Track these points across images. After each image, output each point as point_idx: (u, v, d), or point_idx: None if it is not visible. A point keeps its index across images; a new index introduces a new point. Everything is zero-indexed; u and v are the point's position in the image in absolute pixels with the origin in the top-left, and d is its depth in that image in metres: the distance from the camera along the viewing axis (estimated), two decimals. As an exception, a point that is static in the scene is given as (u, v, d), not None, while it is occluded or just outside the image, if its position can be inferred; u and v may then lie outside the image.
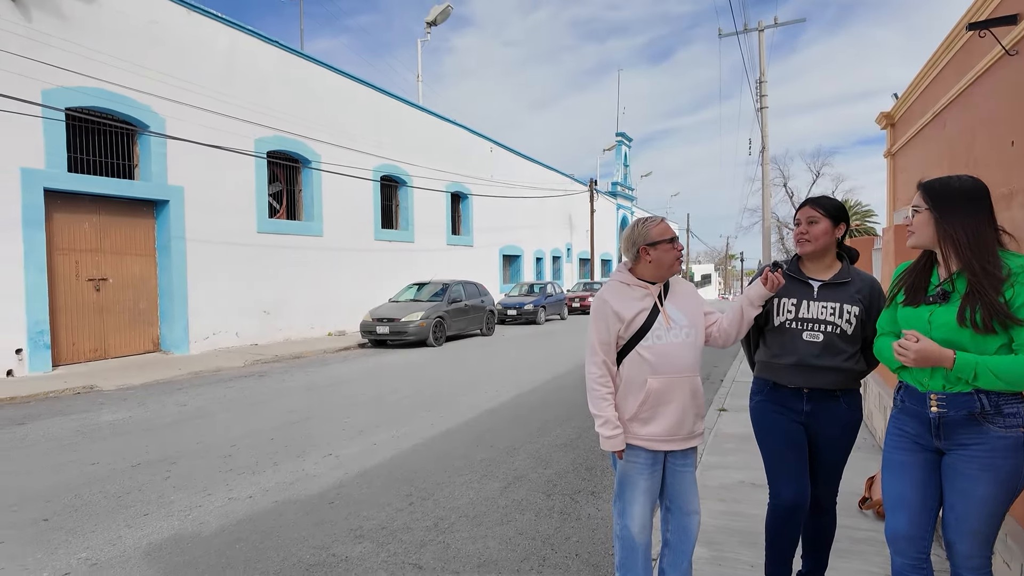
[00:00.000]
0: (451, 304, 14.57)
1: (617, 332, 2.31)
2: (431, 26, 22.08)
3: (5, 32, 8.92)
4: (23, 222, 9.14)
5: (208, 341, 12.18)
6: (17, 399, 7.64)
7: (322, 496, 4.16)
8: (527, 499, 4.05)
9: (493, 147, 24.24)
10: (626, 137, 43.05)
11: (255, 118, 13.17)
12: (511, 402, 7.28)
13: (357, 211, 16.47)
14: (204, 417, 6.72)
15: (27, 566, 3.20)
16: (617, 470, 2.40)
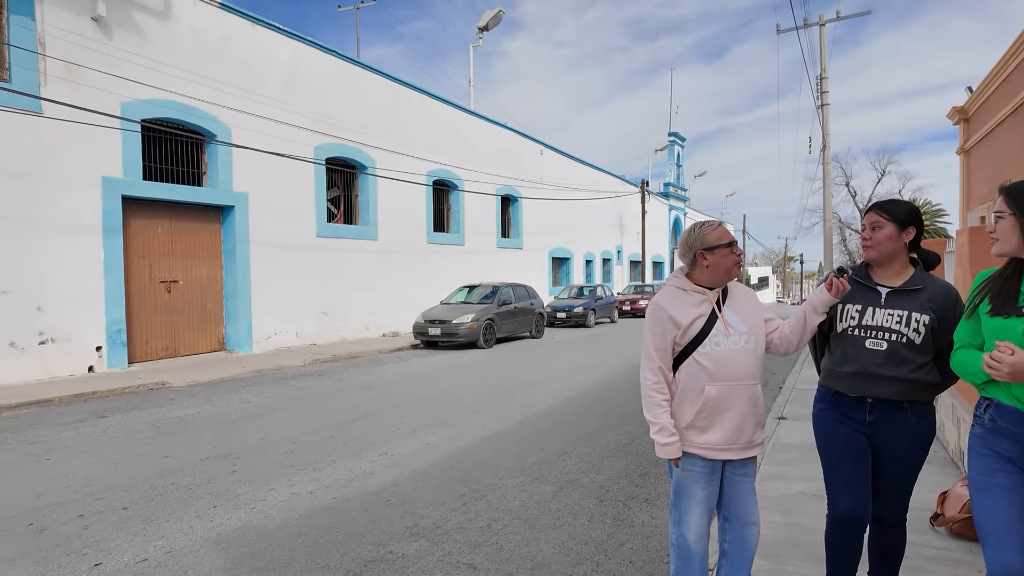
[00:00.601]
0: (501, 306, 14.67)
1: (673, 338, 2.29)
2: (483, 31, 22.31)
3: (89, 50, 9.56)
4: (103, 228, 9.77)
5: (270, 341, 12.68)
6: (98, 394, 8.17)
7: (379, 494, 4.28)
8: (579, 504, 4.04)
9: (543, 149, 24.26)
10: (679, 137, 42.28)
11: (314, 126, 13.63)
12: (561, 405, 7.28)
13: (410, 215, 16.80)
14: (267, 414, 7.01)
15: (110, 551, 3.42)
16: (673, 478, 2.38)
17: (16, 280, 8.74)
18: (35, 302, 8.94)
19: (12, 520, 3.88)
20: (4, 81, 8.68)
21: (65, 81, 9.25)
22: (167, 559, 3.31)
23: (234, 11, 11.98)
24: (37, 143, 8.98)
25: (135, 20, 10.25)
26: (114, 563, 3.27)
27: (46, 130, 9.05)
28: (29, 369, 8.88)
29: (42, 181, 9.02)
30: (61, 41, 9.22)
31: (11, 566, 3.24)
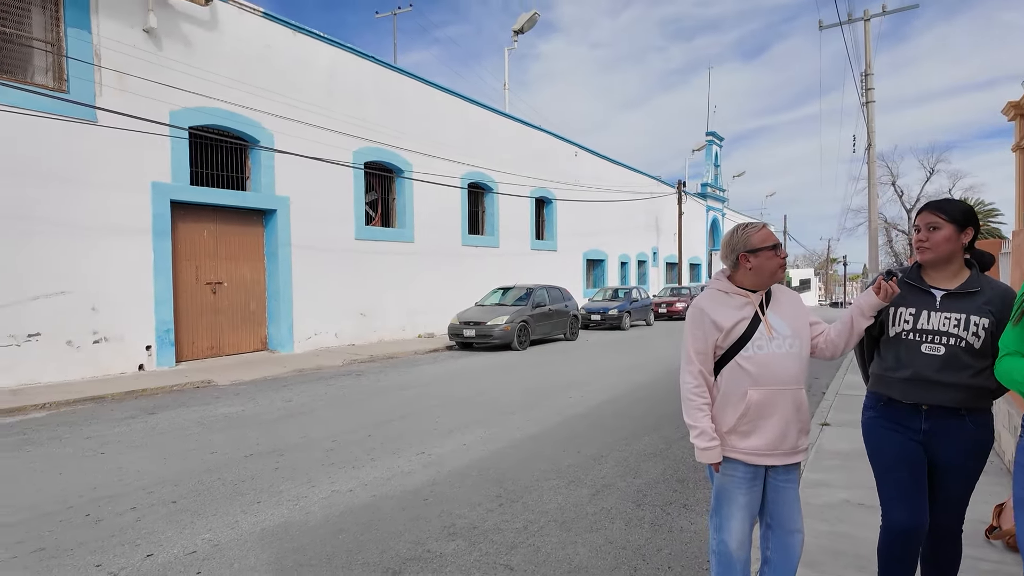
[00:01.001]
0: (535, 308, 14.67)
1: (715, 341, 2.26)
2: (518, 34, 22.38)
3: (140, 60, 9.96)
4: (153, 232, 10.15)
5: (310, 341, 12.96)
6: (148, 391, 8.49)
7: (416, 493, 4.33)
8: (616, 508, 4.02)
9: (578, 151, 24.18)
10: (717, 136, 41.58)
11: (353, 131, 13.89)
12: (596, 408, 7.24)
13: (445, 217, 16.97)
14: (307, 413, 7.17)
15: (161, 543, 3.56)
16: (714, 483, 2.35)
17: (73, 281, 9.16)
18: (90, 303, 9.35)
19: (71, 511, 4.07)
20: (63, 92, 9.11)
21: (118, 91, 9.66)
22: (214, 552, 3.42)
23: (276, 20, 12.31)
24: (92, 151, 9.39)
25: (183, 31, 10.64)
26: (165, 554, 3.39)
27: (100, 138, 9.47)
28: (84, 367, 9.29)
29: (96, 187, 9.43)
30: (114, 52, 9.63)
31: (70, 555, 3.40)
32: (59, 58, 9.18)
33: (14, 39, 8.93)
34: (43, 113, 8.80)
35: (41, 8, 9.15)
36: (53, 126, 8.93)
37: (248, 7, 11.76)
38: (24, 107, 8.60)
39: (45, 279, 8.85)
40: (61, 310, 9.01)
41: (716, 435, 2.25)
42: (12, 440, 5.99)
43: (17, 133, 8.57)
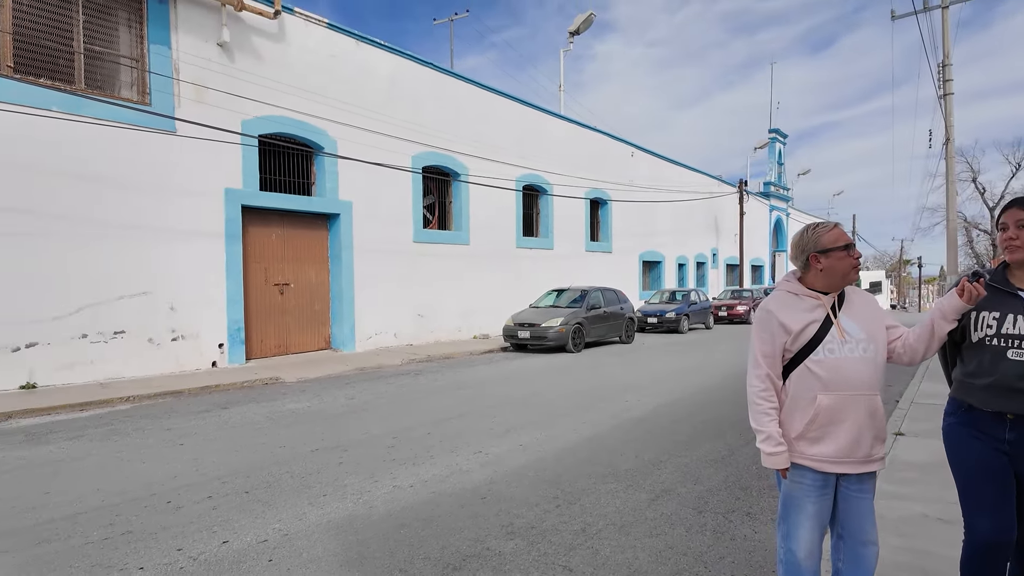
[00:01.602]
0: (590, 310, 14.57)
1: (783, 345, 2.21)
2: (574, 35, 22.32)
3: (215, 73, 10.53)
4: (226, 235, 10.70)
5: (371, 340, 13.33)
6: (220, 387, 8.95)
7: (475, 491, 4.40)
8: (676, 514, 3.95)
9: (634, 151, 23.88)
10: (780, 133, 40.16)
11: (412, 136, 14.21)
12: (654, 412, 7.13)
13: (500, 220, 17.10)
14: (369, 410, 7.38)
15: (235, 530, 3.75)
16: (782, 490, 2.28)
17: (153, 282, 9.76)
18: (168, 302, 9.94)
19: (154, 497, 4.35)
20: (146, 105, 9.73)
21: (195, 102, 10.23)
22: (284, 541, 3.58)
23: (340, 30, 12.74)
24: (171, 159, 9.99)
25: (253, 43, 11.17)
26: (239, 542, 3.58)
27: (179, 147, 10.06)
28: (163, 363, 9.88)
29: (175, 193, 10.02)
30: (191, 66, 10.22)
31: (154, 539, 3.63)
32: (143, 73, 9.81)
33: (104, 57, 9.61)
34: (128, 125, 9.43)
35: (127, 27, 9.81)
36: (137, 137, 9.55)
37: (314, 19, 12.23)
38: (111, 119, 9.23)
39: (129, 280, 9.48)
40: (143, 309, 9.62)
41: (783, 440, 2.19)
42: (102, 431, 6.45)
43: (105, 144, 9.21)
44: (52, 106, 8.66)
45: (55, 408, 7.32)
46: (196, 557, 3.37)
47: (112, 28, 9.66)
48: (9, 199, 8.28)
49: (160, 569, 3.23)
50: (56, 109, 8.69)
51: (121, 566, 3.28)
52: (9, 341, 8.28)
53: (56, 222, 8.71)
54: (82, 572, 3.21)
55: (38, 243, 8.54)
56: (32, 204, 8.48)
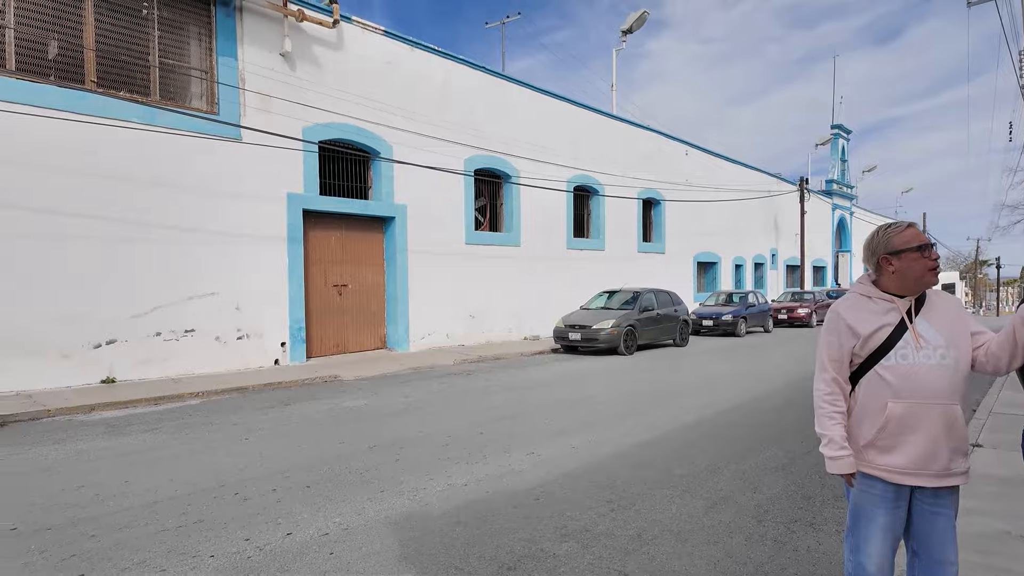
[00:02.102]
0: (642, 312, 14.36)
1: (851, 349, 2.13)
2: (626, 34, 22.07)
3: (278, 82, 10.96)
4: (287, 239, 11.12)
5: (424, 340, 13.57)
6: (283, 384, 9.30)
7: (528, 492, 4.41)
8: (735, 522, 3.85)
9: (688, 149, 23.40)
10: (843, 129, 38.49)
11: (464, 139, 14.38)
12: (710, 418, 6.97)
13: (551, 221, 17.08)
14: (424, 408, 7.52)
15: (298, 523, 3.89)
16: (850, 501, 2.20)
17: (221, 283, 10.24)
18: (234, 302, 10.41)
19: (223, 489, 4.56)
20: (214, 114, 10.23)
21: (259, 111, 10.68)
22: (344, 535, 3.69)
23: (395, 37, 13.04)
24: (237, 166, 10.45)
25: (314, 52, 11.56)
26: (302, 534, 3.71)
27: (244, 154, 10.51)
28: (230, 360, 10.35)
29: (240, 198, 10.48)
30: (256, 76, 10.67)
31: (224, 528, 3.81)
32: (211, 84, 10.32)
33: (176, 69, 10.15)
34: (198, 133, 9.93)
35: (197, 40, 10.34)
36: (206, 145, 10.05)
37: (370, 26, 12.56)
38: (183, 129, 9.75)
39: (198, 281, 9.97)
40: (211, 309, 10.11)
41: (846, 444, 2.11)
42: (174, 424, 6.82)
43: (177, 152, 9.73)
44: (131, 117, 9.22)
45: (132, 402, 7.78)
46: (262, 547, 3.52)
47: (184, 42, 10.20)
48: (92, 206, 8.86)
49: (230, 558, 3.39)
50: (134, 120, 9.25)
51: (194, 553, 3.46)
52: (92, 338, 8.86)
53: (132, 227, 9.26)
54: (159, 558, 3.41)
55: (118, 247, 9.10)
56: (111, 210, 9.05)
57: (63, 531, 3.78)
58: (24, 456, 5.51)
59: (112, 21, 9.32)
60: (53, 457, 5.47)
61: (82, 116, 8.72)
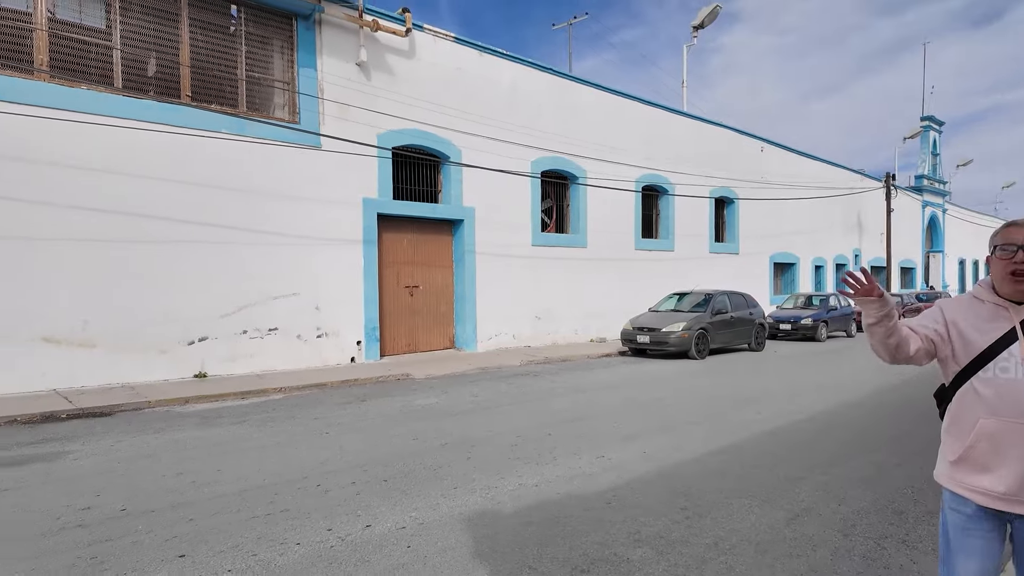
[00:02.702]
0: (715, 315, 13.93)
1: (939, 333, 1.98)
2: (698, 30, 21.51)
3: (354, 91, 11.39)
4: (363, 241, 11.54)
5: (491, 341, 13.73)
6: (358, 381, 9.66)
7: (599, 495, 4.39)
8: (819, 535, 3.68)
9: (764, 146, 22.51)
10: (935, 121, 35.93)
11: (531, 141, 14.45)
12: (790, 426, 6.68)
13: (618, 222, 16.86)
14: (492, 408, 7.61)
15: (376, 516, 4.04)
16: (941, 522, 2.04)
17: (302, 284, 10.75)
18: (314, 302, 10.90)
19: (306, 480, 4.79)
20: (296, 124, 10.75)
21: (336, 119, 11.14)
22: (420, 529, 3.80)
23: (465, 43, 13.27)
24: (316, 172, 10.94)
25: (387, 61, 11.94)
26: (380, 527, 3.85)
27: (323, 161, 11.00)
28: (310, 357, 10.84)
29: (320, 203, 10.97)
30: (333, 86, 11.13)
31: (308, 518, 4.01)
32: (293, 94, 10.85)
33: (261, 82, 10.75)
34: (280, 142, 10.47)
35: (280, 53, 10.90)
36: (287, 153, 10.58)
37: (441, 33, 12.84)
38: (267, 138, 10.30)
39: (281, 282, 10.51)
40: (293, 309, 10.63)
41: (894, 316, 1.98)
42: (260, 417, 7.22)
43: (261, 160, 10.30)
44: (221, 128, 9.84)
45: (222, 395, 8.30)
46: (344, 538, 3.68)
47: (268, 55, 10.79)
48: (188, 212, 9.51)
49: (314, 546, 3.56)
50: (224, 131, 9.86)
51: (282, 540, 3.66)
52: (186, 336, 9.51)
53: (222, 231, 9.87)
54: (250, 543, 3.62)
55: (208, 250, 9.73)
56: (203, 216, 9.69)
57: (164, 514, 4.09)
58: (130, 443, 5.99)
59: (205, 38, 9.98)
60: (154, 445, 5.92)
61: (178, 128, 9.39)
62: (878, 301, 1.96)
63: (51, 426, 6.74)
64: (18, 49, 8.49)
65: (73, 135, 8.55)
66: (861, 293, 1.97)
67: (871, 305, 1.97)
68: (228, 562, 3.36)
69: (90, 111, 8.69)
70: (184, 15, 9.72)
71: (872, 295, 1.96)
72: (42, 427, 6.69)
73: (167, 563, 3.36)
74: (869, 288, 1.96)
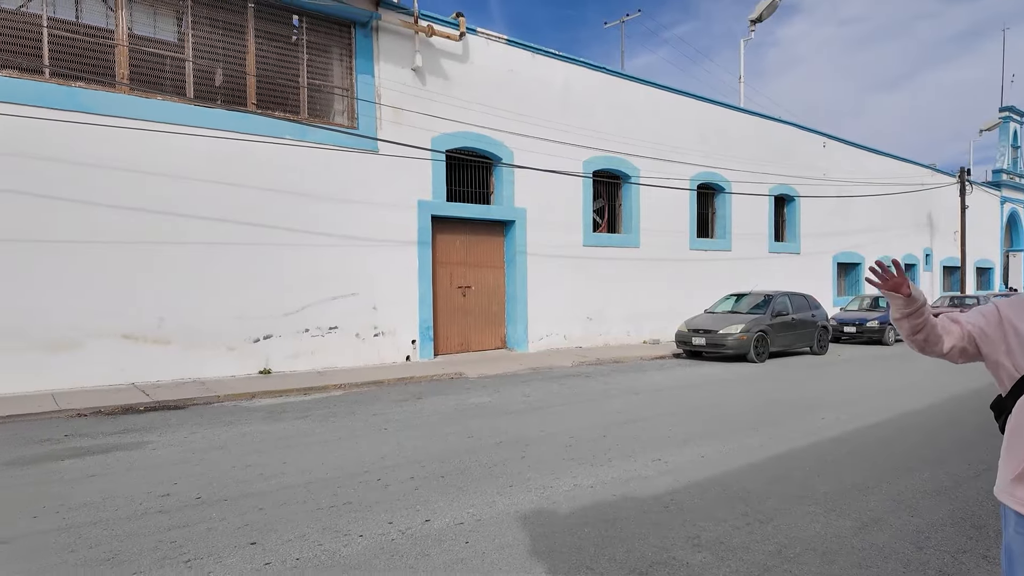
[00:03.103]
0: (775, 317, 13.50)
1: (984, 329, 1.85)
2: (755, 23, 20.91)
3: (410, 96, 11.64)
4: (418, 243, 11.78)
5: (542, 341, 13.75)
6: (413, 379, 9.86)
7: (656, 499, 4.34)
8: (890, 546, 3.54)
9: (826, 141, 21.65)
10: (1015, 111, 33.65)
11: (583, 141, 14.39)
12: (855, 433, 6.42)
13: (673, 221, 16.57)
14: (544, 408, 7.63)
15: (435, 511, 4.13)
16: (1004, 544, 1.90)
17: (360, 285, 11.06)
18: (371, 302, 11.20)
19: (367, 474, 4.94)
20: (354, 129, 11.08)
21: (393, 124, 11.41)
22: (477, 526, 3.86)
23: (518, 45, 13.34)
24: (374, 176, 11.24)
25: (442, 66, 12.14)
26: (439, 522, 3.93)
27: (380, 165, 11.28)
28: (367, 355, 11.15)
29: (376, 206, 11.26)
30: (390, 91, 11.41)
31: (370, 511, 4.14)
32: (351, 101, 11.18)
33: (321, 89, 11.13)
34: (340, 147, 10.81)
35: (339, 61, 11.25)
36: (346, 157, 10.91)
37: (494, 36, 12.96)
38: (327, 143, 10.66)
39: (341, 283, 10.85)
40: (352, 308, 10.96)
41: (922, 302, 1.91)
42: (322, 412, 7.48)
43: (322, 165, 10.66)
44: (284, 135, 10.24)
45: (286, 391, 8.64)
46: (404, 531, 3.78)
47: (328, 63, 11.16)
48: (255, 216, 9.95)
49: (376, 539, 3.68)
50: (287, 137, 10.26)
51: (346, 531, 3.79)
52: (252, 334, 9.95)
53: (286, 234, 10.27)
54: (316, 533, 3.77)
55: (274, 251, 10.15)
56: (268, 218, 10.11)
57: (236, 503, 4.30)
58: (202, 435, 6.32)
59: (269, 48, 10.42)
60: (224, 437, 6.22)
61: (245, 135, 9.84)
62: (905, 298, 1.91)
63: (131, 417, 7.19)
64: (103, 65, 9.09)
65: (151, 144, 9.09)
66: (889, 287, 1.92)
67: (898, 300, 1.93)
68: (296, 551, 3.51)
69: (165, 120, 9.22)
70: (250, 27, 10.17)
71: (900, 291, 1.90)
72: (123, 418, 7.14)
73: (240, 549, 3.54)
74: (898, 283, 1.90)
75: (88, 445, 5.92)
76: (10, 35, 8.39)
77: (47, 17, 8.63)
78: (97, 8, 9.67)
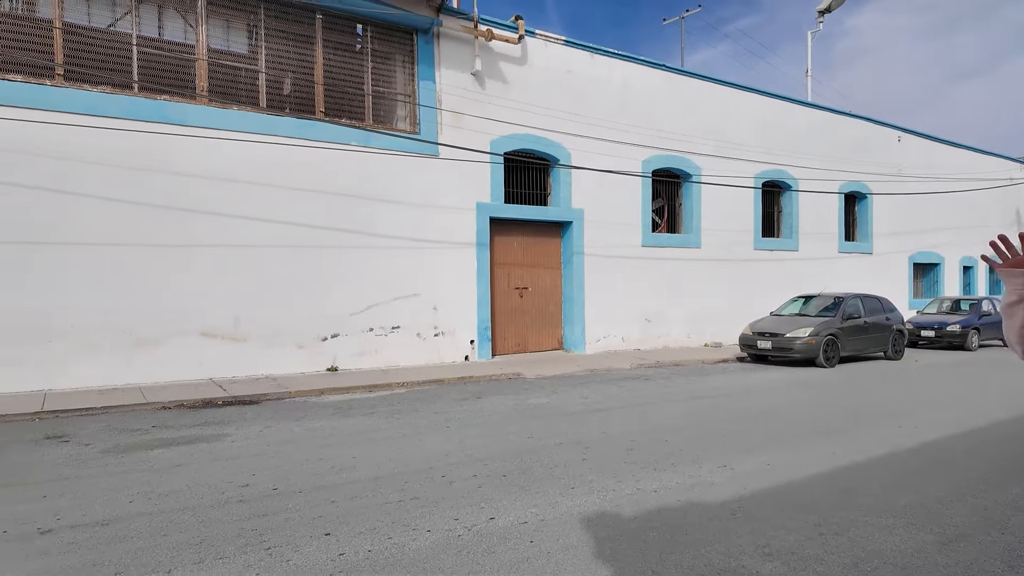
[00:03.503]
0: (846, 320, 12.93)
1: None
2: (823, 14, 20.07)
3: (468, 100, 11.82)
4: (476, 244, 11.95)
5: (599, 343, 13.66)
6: (472, 378, 10.01)
7: (723, 505, 4.26)
8: (978, 564, 3.35)
9: (901, 135, 20.53)
10: (1121, 97, 30.84)
11: (642, 140, 14.20)
12: (937, 443, 6.08)
13: (735, 221, 16.12)
14: (603, 411, 7.60)
15: (498, 509, 4.20)
16: None
17: (421, 286, 11.32)
18: (432, 303, 11.44)
19: (431, 471, 5.07)
20: (415, 134, 11.35)
21: (452, 128, 11.61)
22: (541, 526, 3.90)
23: (576, 45, 13.32)
24: (435, 179, 11.48)
25: (501, 69, 12.26)
26: (503, 520, 4.00)
27: (440, 168, 11.51)
28: (428, 355, 11.40)
29: (437, 208, 11.49)
30: (450, 96, 11.62)
31: (436, 507, 4.25)
32: (413, 106, 11.46)
33: (385, 95, 11.46)
34: (402, 152, 11.10)
35: (402, 67, 11.55)
36: (408, 161, 11.19)
37: (552, 38, 12.98)
38: (391, 148, 10.96)
39: (403, 284, 11.14)
40: (413, 308, 11.23)
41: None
42: (386, 409, 7.71)
43: (385, 169, 10.97)
44: (350, 141, 10.60)
45: (352, 388, 8.94)
46: (470, 528, 3.86)
47: (391, 70, 11.47)
48: (323, 219, 10.36)
49: (443, 534, 3.78)
50: (353, 143, 10.62)
51: (414, 526, 3.91)
52: (320, 333, 10.35)
53: (351, 236, 10.63)
54: (386, 527, 3.91)
55: (340, 253, 10.53)
56: (334, 222, 10.49)
57: (310, 495, 4.50)
58: (276, 430, 6.64)
59: (335, 57, 10.81)
60: (297, 432, 6.51)
61: (314, 142, 10.24)
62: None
63: (210, 411, 7.62)
64: (184, 78, 9.68)
65: (232, 153, 9.61)
66: (1011, 264, 1.65)
67: (1018, 280, 1.63)
68: (367, 543, 3.65)
69: (241, 129, 9.72)
70: (318, 37, 10.58)
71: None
72: (203, 411, 7.59)
73: (315, 539, 3.71)
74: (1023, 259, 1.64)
75: (173, 436, 6.32)
76: (105, 54, 9.06)
77: (136, 36, 9.26)
78: (177, 24, 10.30)
